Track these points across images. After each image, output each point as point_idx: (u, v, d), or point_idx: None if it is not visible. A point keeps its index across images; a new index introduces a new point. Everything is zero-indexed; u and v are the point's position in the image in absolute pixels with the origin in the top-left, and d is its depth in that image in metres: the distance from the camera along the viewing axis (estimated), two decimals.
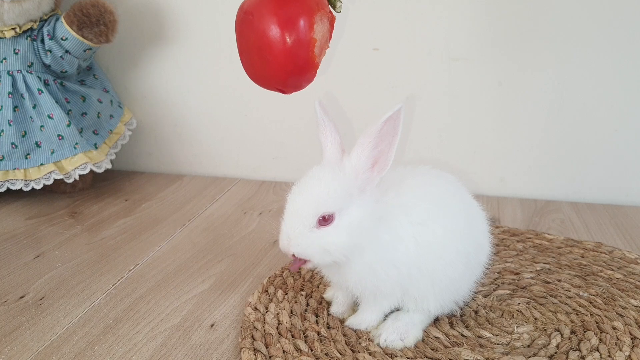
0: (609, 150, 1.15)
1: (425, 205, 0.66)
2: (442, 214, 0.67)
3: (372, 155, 0.63)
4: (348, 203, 0.62)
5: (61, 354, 0.68)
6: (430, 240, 0.66)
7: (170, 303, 0.79)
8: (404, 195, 0.66)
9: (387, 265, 0.65)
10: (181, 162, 1.40)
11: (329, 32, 0.64)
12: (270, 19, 0.60)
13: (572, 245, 0.95)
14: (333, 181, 0.62)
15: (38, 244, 0.98)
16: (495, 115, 1.17)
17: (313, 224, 0.62)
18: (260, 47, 0.61)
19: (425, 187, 0.69)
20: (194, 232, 1.04)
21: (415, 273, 0.66)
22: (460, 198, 0.71)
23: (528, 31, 1.10)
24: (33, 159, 1.11)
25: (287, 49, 0.60)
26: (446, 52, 1.15)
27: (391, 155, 0.62)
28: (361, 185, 0.63)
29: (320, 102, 0.67)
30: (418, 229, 0.65)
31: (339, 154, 0.65)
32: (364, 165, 0.63)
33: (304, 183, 0.64)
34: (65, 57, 1.13)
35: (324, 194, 0.61)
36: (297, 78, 0.63)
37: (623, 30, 1.07)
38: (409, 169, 0.71)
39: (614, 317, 0.74)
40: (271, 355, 0.66)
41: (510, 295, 0.79)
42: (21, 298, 0.81)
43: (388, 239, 0.64)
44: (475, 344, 0.69)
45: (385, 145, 0.62)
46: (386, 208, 0.65)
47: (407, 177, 0.69)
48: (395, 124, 0.61)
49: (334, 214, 0.62)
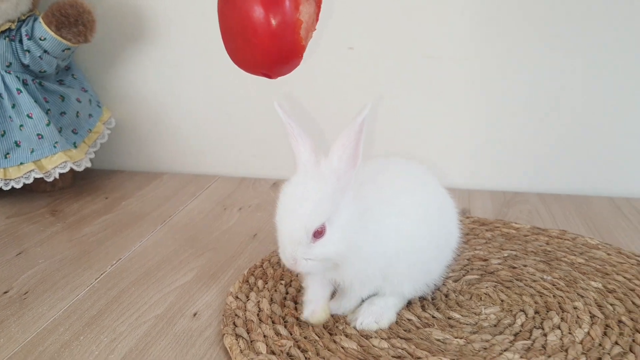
0: (574, 144, 1.20)
1: (402, 196, 0.70)
2: (417, 204, 0.71)
3: (351, 154, 0.63)
4: (334, 208, 0.63)
5: (47, 345, 0.70)
6: (408, 228, 0.69)
7: (153, 295, 0.82)
8: (382, 187, 0.70)
9: (377, 255, 0.68)
10: (161, 160, 1.42)
11: (316, 13, 0.63)
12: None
13: (537, 233, 1.00)
14: (316, 192, 0.62)
15: (20, 242, 1.00)
16: (467, 112, 1.22)
17: (309, 241, 0.63)
18: (244, 29, 0.59)
19: (400, 179, 0.73)
20: (175, 227, 1.06)
21: (395, 261, 0.70)
22: (431, 187, 0.76)
23: (499, 31, 1.15)
24: (13, 158, 1.13)
25: (272, 31, 0.58)
26: (419, 50, 1.19)
27: (360, 152, 0.63)
28: (343, 186, 0.64)
29: (280, 104, 0.66)
30: (398, 219, 0.69)
31: (314, 158, 0.65)
32: (345, 166, 0.64)
33: (287, 202, 0.64)
34: (43, 57, 1.14)
35: (310, 210, 0.62)
36: (283, 62, 0.61)
37: (595, 30, 1.12)
38: (381, 161, 0.75)
39: (575, 298, 0.78)
40: (252, 339, 0.69)
41: (478, 280, 0.84)
42: (5, 293, 0.82)
43: (376, 229, 0.67)
44: (445, 325, 0.73)
45: (354, 143, 0.63)
46: (367, 201, 0.67)
47: (382, 170, 0.73)
48: (363, 126, 0.62)
49: (324, 225, 0.63)
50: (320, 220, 0.62)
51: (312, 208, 0.62)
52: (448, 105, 1.22)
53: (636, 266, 0.87)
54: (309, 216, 0.62)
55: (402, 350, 0.68)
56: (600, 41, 1.12)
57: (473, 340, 0.69)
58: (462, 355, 0.66)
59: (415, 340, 0.69)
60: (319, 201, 0.62)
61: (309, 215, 0.62)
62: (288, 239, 0.63)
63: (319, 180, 0.63)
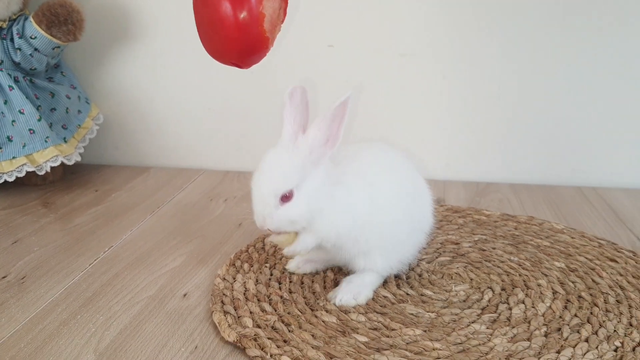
0: (542, 136, 1.27)
1: (377, 169, 0.77)
2: (392, 179, 0.77)
3: (326, 134, 0.71)
4: (303, 176, 0.71)
5: (46, 323, 0.74)
6: (381, 199, 0.76)
7: (145, 278, 0.86)
8: (358, 162, 0.76)
9: (344, 215, 0.74)
10: (148, 154, 1.46)
11: (282, 8, 0.69)
12: None
13: (507, 219, 1.07)
14: (287, 161, 0.71)
15: (14, 232, 1.04)
16: (440, 106, 1.28)
17: (277, 203, 0.71)
18: (213, 22, 0.65)
19: (377, 156, 0.79)
20: (163, 217, 1.11)
21: (367, 225, 0.75)
22: (408, 169, 0.82)
23: (469, 29, 1.21)
24: (5, 152, 1.16)
25: (237, 24, 0.64)
26: (395, 49, 1.25)
27: (340, 133, 0.71)
28: (315, 160, 0.71)
29: (302, 87, 0.73)
30: (372, 188, 0.75)
31: (296, 134, 0.72)
32: (318, 142, 0.71)
33: (262, 168, 0.72)
34: (34, 55, 1.18)
35: (280, 176, 0.70)
36: (249, 52, 0.68)
37: (565, 23, 1.19)
38: (362, 144, 0.81)
39: (539, 277, 0.85)
40: (239, 315, 0.74)
41: (450, 261, 0.90)
42: (3, 278, 0.87)
43: (345, 195, 0.73)
44: (418, 301, 0.79)
45: (336, 124, 0.71)
46: (340, 174, 0.74)
47: (362, 149, 0.79)
48: (345, 107, 0.71)
49: (292, 190, 0.71)
50: (288, 186, 0.70)
51: (281, 174, 0.70)
52: (423, 100, 1.28)
53: (597, 248, 0.94)
54: (278, 181, 0.70)
55: (378, 323, 0.73)
56: (570, 35, 1.19)
57: (443, 314, 0.75)
58: (433, 327, 0.72)
59: (390, 314, 0.75)
60: (288, 169, 0.70)
61: (278, 180, 0.70)
62: (259, 199, 0.71)
63: (293, 152, 0.71)
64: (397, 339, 0.70)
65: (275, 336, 0.70)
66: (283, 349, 0.67)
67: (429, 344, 0.68)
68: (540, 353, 0.67)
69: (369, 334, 0.71)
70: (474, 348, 0.68)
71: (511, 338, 0.70)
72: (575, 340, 0.69)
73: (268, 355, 0.66)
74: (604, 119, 1.24)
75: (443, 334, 0.71)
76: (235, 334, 0.70)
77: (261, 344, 0.68)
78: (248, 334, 0.70)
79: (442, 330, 0.72)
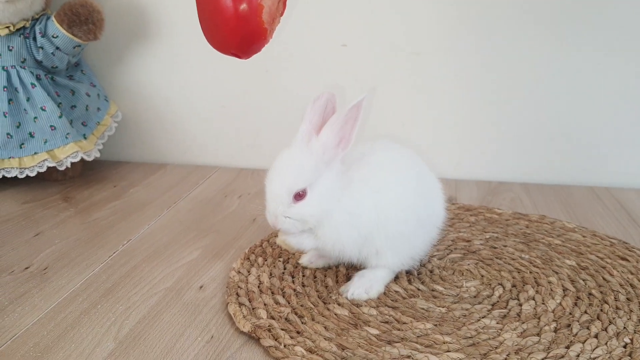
0: (555, 135, 1.27)
1: (381, 175, 0.78)
2: (396, 181, 0.78)
3: (338, 135, 0.73)
4: (317, 176, 0.73)
5: (68, 312, 0.77)
6: (387, 205, 0.77)
7: (162, 270, 0.89)
8: (364, 168, 0.77)
9: (350, 228, 0.76)
10: (164, 151, 1.49)
11: (281, 1, 0.70)
12: None
13: (518, 217, 1.07)
14: (301, 161, 0.72)
15: (36, 225, 1.07)
16: (452, 105, 1.29)
17: (290, 201, 0.72)
18: (213, 13, 0.67)
19: (382, 160, 0.80)
20: (179, 212, 1.13)
21: (374, 232, 0.77)
22: (413, 167, 0.82)
23: (481, 28, 1.22)
24: (27, 148, 1.19)
25: (236, 15, 0.65)
26: (408, 47, 1.27)
27: (353, 136, 0.73)
28: (327, 160, 0.73)
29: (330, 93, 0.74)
30: (377, 196, 0.76)
31: (311, 134, 0.74)
32: (331, 143, 0.73)
33: (277, 167, 0.74)
34: (56, 53, 1.21)
35: (294, 175, 0.72)
36: (248, 42, 0.69)
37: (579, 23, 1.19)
38: (369, 145, 0.82)
39: (550, 274, 0.86)
40: (254, 307, 0.76)
41: (461, 258, 0.91)
42: (26, 269, 0.89)
43: (351, 205, 0.75)
44: (429, 296, 0.80)
45: (349, 127, 0.73)
46: (349, 180, 0.76)
47: (367, 153, 0.80)
48: (358, 110, 0.72)
49: (306, 189, 0.72)
50: (302, 184, 0.72)
51: (295, 172, 0.72)
52: (435, 99, 1.30)
53: (609, 247, 0.95)
54: (292, 179, 0.72)
55: (389, 316, 0.75)
56: (584, 35, 1.20)
57: (454, 309, 0.77)
58: (444, 321, 0.74)
59: (401, 308, 0.77)
60: (302, 168, 0.72)
61: (292, 178, 0.72)
62: (272, 197, 0.73)
63: (307, 151, 0.73)
64: (407, 332, 0.71)
65: (289, 327, 0.72)
66: (296, 340, 0.69)
67: (440, 338, 0.70)
68: (550, 348, 0.68)
69: (380, 327, 0.72)
70: (484, 342, 0.69)
71: (521, 333, 0.71)
72: (584, 336, 0.70)
73: (282, 346, 0.68)
74: (617, 119, 1.24)
75: (453, 328, 0.72)
76: (250, 324, 0.72)
77: (275, 335, 0.70)
78: (262, 324, 0.72)
79: (452, 325, 0.73)
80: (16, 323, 0.74)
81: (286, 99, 1.36)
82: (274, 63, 1.34)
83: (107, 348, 0.69)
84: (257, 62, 1.32)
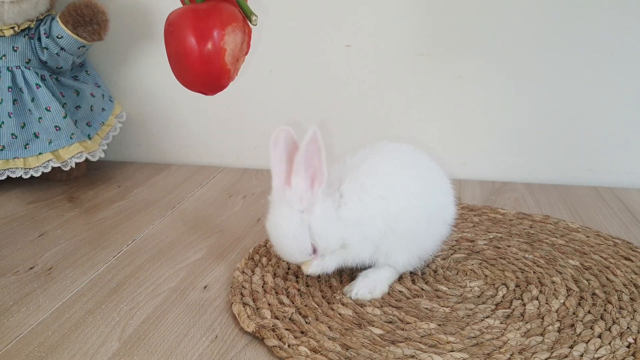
0: (559, 135, 1.27)
1: (382, 180, 0.77)
2: (398, 184, 0.77)
3: (307, 178, 0.72)
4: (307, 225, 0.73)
5: (73, 312, 0.77)
6: (393, 210, 0.76)
7: (166, 270, 0.89)
8: (363, 176, 0.77)
9: (364, 242, 0.77)
10: (168, 152, 1.49)
11: (245, 42, 0.74)
12: (188, 30, 0.69)
13: (522, 217, 1.07)
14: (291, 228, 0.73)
15: (40, 225, 1.07)
16: (457, 105, 1.29)
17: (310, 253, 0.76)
18: (180, 54, 0.70)
19: (381, 164, 0.79)
20: (184, 212, 1.14)
21: (384, 237, 0.77)
22: (416, 165, 0.82)
23: (485, 28, 1.22)
24: (32, 149, 1.20)
25: (201, 57, 0.69)
26: (412, 48, 1.27)
27: (324, 169, 0.72)
28: (307, 206, 0.73)
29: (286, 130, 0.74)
30: (380, 203, 0.76)
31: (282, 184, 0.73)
32: (303, 188, 0.72)
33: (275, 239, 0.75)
34: (60, 54, 1.22)
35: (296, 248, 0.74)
36: (213, 82, 0.73)
37: (582, 24, 1.19)
38: (367, 149, 0.80)
39: (553, 274, 0.86)
40: (258, 307, 0.76)
41: (465, 258, 0.91)
42: (31, 269, 0.90)
43: (355, 217, 0.76)
44: (433, 296, 0.80)
45: (317, 161, 0.71)
46: (347, 191, 0.76)
47: (366, 158, 0.79)
48: (317, 144, 0.70)
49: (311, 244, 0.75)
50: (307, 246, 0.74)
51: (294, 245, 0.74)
52: (440, 99, 1.29)
53: (613, 247, 0.95)
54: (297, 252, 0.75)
55: (393, 316, 0.75)
56: (589, 35, 1.19)
57: (458, 309, 0.77)
58: (448, 321, 0.74)
59: (405, 308, 0.77)
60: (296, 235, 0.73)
61: (296, 251, 0.74)
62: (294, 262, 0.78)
63: (287, 209, 0.73)
64: (411, 332, 0.71)
65: (293, 327, 0.72)
66: (300, 340, 0.69)
67: (443, 337, 0.70)
68: (553, 347, 0.68)
69: (384, 326, 0.72)
70: (488, 342, 0.69)
71: (524, 333, 0.71)
72: (588, 335, 0.70)
73: (286, 345, 0.68)
74: (621, 119, 1.24)
75: (457, 328, 0.72)
76: (254, 324, 0.72)
77: (279, 335, 0.70)
78: (266, 324, 0.72)
79: (456, 325, 0.73)
80: (21, 323, 0.75)
81: (290, 99, 1.36)
82: (278, 64, 1.34)
83: (112, 348, 0.69)
84: (261, 62, 1.33)
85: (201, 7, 0.71)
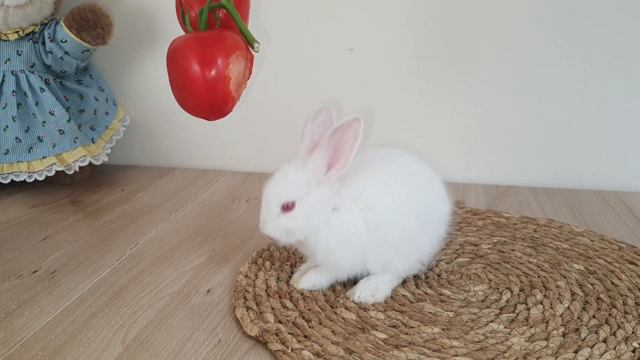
0: (563, 139, 1.27)
1: (368, 190, 0.76)
2: (386, 194, 0.77)
3: (329, 157, 0.74)
4: (307, 193, 0.74)
5: (76, 315, 0.77)
6: (378, 220, 0.76)
7: (170, 274, 0.89)
8: (352, 184, 0.77)
9: (341, 245, 0.77)
10: (172, 156, 1.49)
11: (247, 69, 0.75)
12: (192, 58, 0.70)
13: (526, 222, 1.07)
14: (294, 176, 0.75)
15: (44, 229, 1.07)
16: (461, 109, 1.29)
17: (278, 211, 0.75)
18: (184, 81, 0.71)
19: (370, 174, 0.78)
20: (187, 216, 1.14)
21: (369, 251, 0.78)
22: (404, 171, 0.80)
23: (489, 32, 1.22)
24: (36, 152, 1.20)
25: (205, 84, 0.70)
26: (415, 52, 1.27)
27: (350, 157, 0.73)
28: (318, 179, 0.74)
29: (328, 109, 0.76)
30: (365, 213, 0.76)
31: (309, 152, 0.75)
32: (320, 165, 0.74)
33: (273, 178, 0.77)
34: (64, 58, 1.22)
35: (285, 187, 0.75)
36: (216, 109, 0.74)
37: (588, 28, 1.19)
38: (357, 157, 0.78)
39: (558, 278, 0.85)
40: (261, 311, 0.76)
41: (469, 262, 0.91)
42: (34, 272, 0.90)
43: (339, 224, 0.76)
44: (437, 300, 0.80)
45: (347, 148, 0.73)
46: (339, 199, 0.76)
47: (359, 167, 0.79)
48: (356, 132, 0.71)
49: (295, 202, 0.74)
50: (290, 197, 0.74)
51: (286, 186, 0.74)
52: (443, 103, 1.29)
53: (617, 251, 0.94)
54: (282, 191, 0.74)
55: (396, 320, 0.75)
56: (593, 39, 1.19)
57: (462, 313, 0.76)
58: (452, 326, 0.73)
59: (409, 312, 0.77)
60: (293, 182, 0.74)
61: (282, 190, 0.74)
62: (263, 205, 0.76)
63: (301, 168, 0.75)
64: (415, 336, 0.71)
65: (296, 331, 0.72)
66: (304, 344, 0.69)
67: (447, 342, 0.70)
68: (558, 352, 0.68)
69: (388, 331, 0.72)
70: (492, 346, 0.69)
71: (529, 337, 0.71)
72: (593, 340, 0.70)
73: (289, 350, 0.68)
74: (625, 123, 1.23)
75: (461, 333, 0.72)
76: (257, 328, 0.72)
77: (282, 339, 0.70)
78: (270, 328, 0.72)
79: (460, 329, 0.73)
80: (24, 326, 0.75)
81: (294, 103, 1.36)
82: (281, 68, 1.35)
83: (115, 352, 0.69)
84: (264, 66, 1.33)
85: (205, 35, 0.72)
